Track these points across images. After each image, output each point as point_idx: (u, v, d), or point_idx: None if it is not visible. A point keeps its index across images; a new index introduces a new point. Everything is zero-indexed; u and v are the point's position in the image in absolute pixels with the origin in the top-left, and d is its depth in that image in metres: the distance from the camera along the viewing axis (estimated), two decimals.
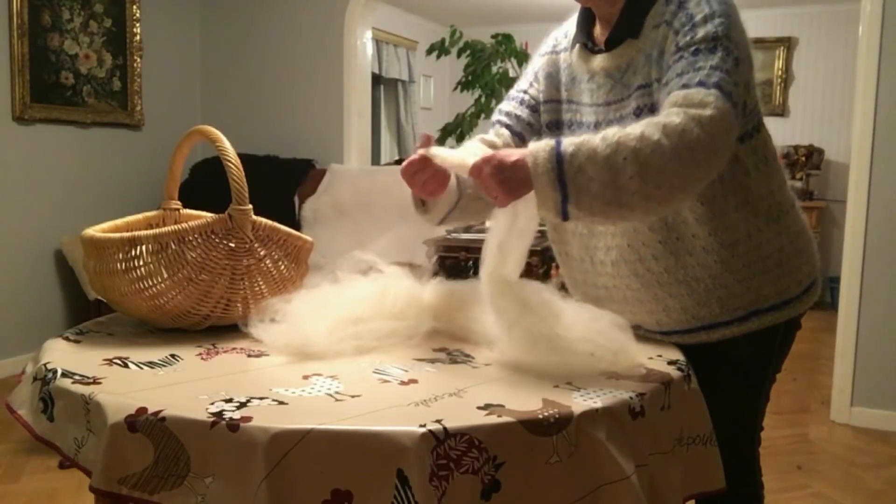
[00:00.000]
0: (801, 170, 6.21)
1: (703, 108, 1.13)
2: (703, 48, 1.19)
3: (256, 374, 1.15)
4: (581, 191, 1.12)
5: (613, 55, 1.33)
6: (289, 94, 4.84)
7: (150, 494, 0.95)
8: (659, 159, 1.10)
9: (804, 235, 1.39)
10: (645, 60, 1.29)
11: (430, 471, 0.89)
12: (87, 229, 1.38)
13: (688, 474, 1.18)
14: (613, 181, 1.11)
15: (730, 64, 1.18)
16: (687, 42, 1.21)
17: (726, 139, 1.16)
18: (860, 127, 3.30)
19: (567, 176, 1.11)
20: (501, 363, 1.21)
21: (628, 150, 1.10)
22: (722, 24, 1.21)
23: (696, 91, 1.15)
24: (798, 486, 2.75)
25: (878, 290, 3.31)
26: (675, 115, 1.13)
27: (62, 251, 4.11)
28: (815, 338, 5.02)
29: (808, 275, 1.39)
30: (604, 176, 1.11)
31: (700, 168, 1.14)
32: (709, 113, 1.12)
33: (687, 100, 1.15)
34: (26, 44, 3.88)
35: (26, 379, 1.22)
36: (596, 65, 1.36)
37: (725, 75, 1.17)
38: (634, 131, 1.13)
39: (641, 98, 1.29)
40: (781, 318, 1.37)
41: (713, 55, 1.18)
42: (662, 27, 1.26)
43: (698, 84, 1.16)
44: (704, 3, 1.23)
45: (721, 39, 1.19)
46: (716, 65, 1.17)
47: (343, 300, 1.36)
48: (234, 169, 1.30)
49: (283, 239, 1.39)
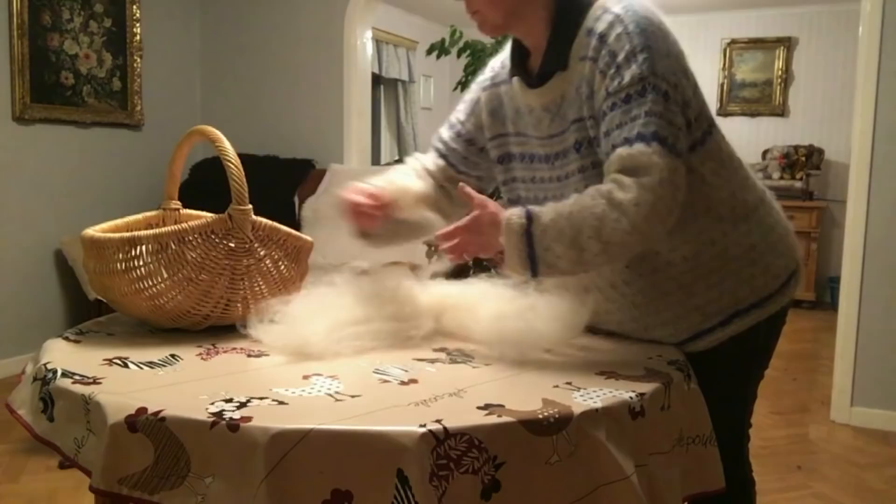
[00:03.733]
0: (801, 170, 6.20)
1: (649, 173, 1.17)
2: (633, 93, 1.21)
3: (256, 374, 1.15)
4: (550, 266, 1.22)
5: (548, 89, 1.35)
6: (289, 94, 4.84)
7: (151, 494, 0.95)
8: (621, 236, 1.18)
9: (778, 228, 1.39)
10: (575, 93, 1.30)
11: (430, 471, 0.89)
12: (87, 229, 1.38)
13: (687, 474, 1.18)
14: (580, 257, 1.20)
15: (660, 105, 1.20)
16: (616, 88, 1.22)
17: (678, 194, 1.20)
18: (860, 127, 3.30)
19: (537, 254, 1.21)
20: (499, 362, 1.22)
21: (591, 230, 1.18)
22: (645, 61, 1.21)
23: (637, 151, 1.18)
24: (798, 486, 2.75)
25: (878, 290, 3.31)
26: (627, 188, 1.18)
27: (62, 251, 4.11)
28: (815, 338, 5.02)
29: (784, 268, 1.38)
30: (570, 254, 1.20)
31: (661, 226, 1.21)
32: (657, 178, 1.17)
33: (633, 164, 1.18)
34: (26, 44, 3.88)
35: (26, 379, 1.22)
36: (534, 99, 1.38)
37: (660, 120, 1.19)
38: (595, 210, 1.19)
39: (578, 132, 1.31)
40: (765, 314, 1.37)
41: (644, 99, 1.20)
42: (588, 62, 1.27)
43: (638, 138, 1.19)
44: (624, 38, 1.23)
45: (648, 79, 1.20)
46: (649, 110, 1.20)
47: (342, 301, 1.36)
48: (234, 169, 1.30)
49: (283, 239, 1.39)
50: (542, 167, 1.40)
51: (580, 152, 1.30)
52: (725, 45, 6.75)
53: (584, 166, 1.31)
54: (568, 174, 1.34)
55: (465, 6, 1.36)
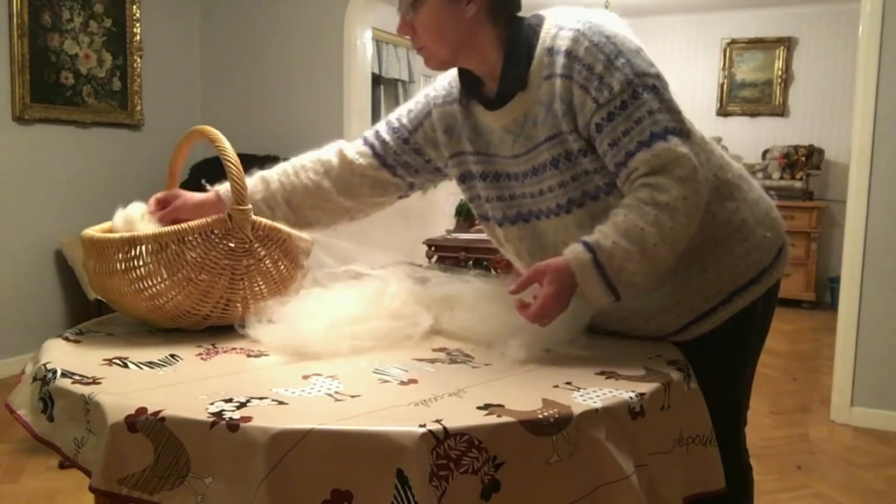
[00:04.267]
0: (801, 170, 6.20)
1: (680, 164, 1.21)
2: (627, 98, 1.23)
3: (256, 374, 1.15)
4: (629, 284, 1.23)
5: (507, 110, 1.35)
6: (289, 94, 4.84)
7: (150, 494, 0.95)
8: (682, 232, 1.23)
9: (763, 202, 1.42)
10: (546, 112, 1.31)
11: (430, 471, 0.89)
12: (87, 229, 1.38)
13: (687, 474, 1.18)
14: (653, 266, 1.23)
15: (656, 100, 1.23)
16: (607, 98, 1.24)
17: (706, 175, 1.26)
18: (860, 127, 3.30)
19: (613, 279, 1.21)
20: (499, 362, 1.22)
21: (655, 238, 1.20)
22: (626, 65, 1.23)
23: (659, 150, 1.21)
24: (798, 486, 2.75)
25: (878, 290, 3.31)
26: (665, 187, 1.21)
27: (62, 251, 4.11)
28: (815, 338, 5.01)
29: (774, 241, 1.40)
30: (644, 267, 1.22)
31: (703, 205, 1.25)
32: (689, 167, 1.21)
33: (660, 162, 1.21)
34: (26, 44, 3.88)
35: (26, 379, 1.22)
36: (494, 121, 1.38)
37: (662, 113, 1.23)
38: (648, 218, 1.21)
39: (554, 148, 1.31)
40: (761, 290, 1.38)
41: (639, 101, 1.23)
42: (559, 80, 1.28)
43: (653, 138, 1.22)
44: (595, 50, 1.25)
45: (634, 81, 1.23)
46: (650, 109, 1.23)
47: (340, 300, 1.36)
48: (234, 169, 1.30)
49: (282, 239, 1.39)
50: (514, 184, 1.41)
51: (559, 167, 1.32)
52: (725, 45, 6.75)
53: (563, 181, 1.32)
54: (544, 190, 1.35)
55: (412, 43, 1.36)
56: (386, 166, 1.54)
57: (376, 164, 1.54)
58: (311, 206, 1.52)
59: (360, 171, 1.54)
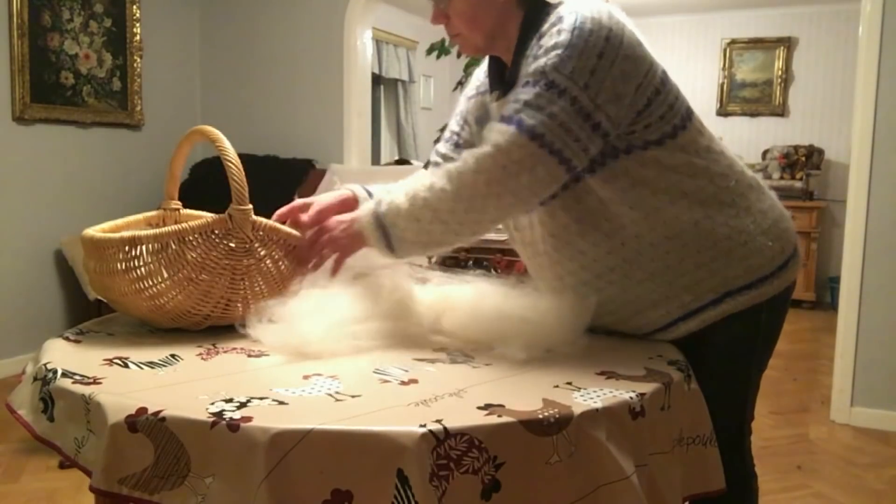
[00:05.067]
0: (801, 170, 6.21)
1: (486, 147, 1.23)
2: (527, 82, 1.24)
3: (256, 374, 1.15)
4: (401, 240, 1.31)
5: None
6: (289, 94, 4.84)
7: (151, 494, 0.95)
8: (446, 204, 1.25)
9: (772, 213, 1.40)
10: None
11: (431, 471, 0.89)
12: (87, 229, 1.38)
13: (688, 474, 1.18)
14: (420, 228, 1.28)
15: (544, 99, 1.21)
16: (527, 73, 1.25)
17: (501, 173, 1.22)
18: (860, 127, 3.30)
19: (388, 231, 1.31)
20: (500, 362, 1.22)
21: (421, 200, 1.27)
22: (556, 57, 1.22)
23: (495, 128, 1.24)
24: (798, 486, 2.75)
25: (878, 290, 3.31)
26: (459, 158, 1.25)
27: (62, 251, 4.12)
28: (815, 338, 5.01)
29: (780, 251, 1.39)
30: (412, 227, 1.28)
31: (489, 200, 1.24)
32: (488, 150, 1.22)
33: (486, 137, 1.24)
34: (26, 44, 3.88)
35: (26, 379, 1.22)
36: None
37: (533, 110, 1.21)
38: (428, 180, 1.27)
39: None
40: (759, 297, 1.36)
41: (530, 88, 1.23)
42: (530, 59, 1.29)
43: (502, 119, 1.24)
44: (554, 35, 1.24)
45: (547, 74, 1.22)
46: (527, 100, 1.22)
47: (340, 300, 1.36)
48: (234, 169, 1.30)
49: (283, 239, 1.39)
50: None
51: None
52: (725, 45, 6.76)
53: None
54: None
55: (446, 30, 1.37)
56: None
57: None
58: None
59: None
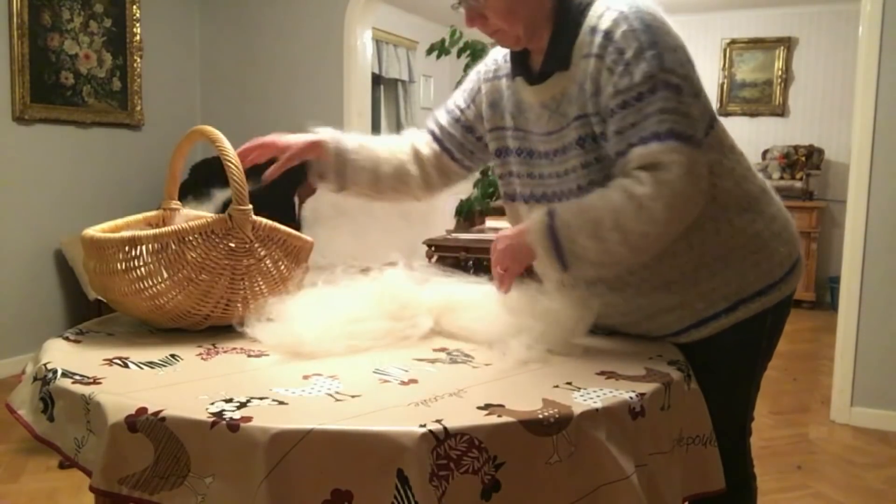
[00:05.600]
0: (801, 170, 6.20)
1: (667, 169, 1.20)
2: (645, 91, 1.22)
3: (256, 374, 1.15)
4: (579, 258, 1.26)
5: (547, 87, 1.36)
6: (289, 94, 4.84)
7: (151, 494, 0.95)
8: (641, 227, 1.22)
9: (780, 217, 1.41)
10: (578, 91, 1.31)
11: (431, 471, 0.89)
12: (87, 229, 1.38)
13: (687, 474, 1.18)
14: (604, 248, 1.23)
15: (673, 101, 1.21)
16: (626, 86, 1.23)
17: (701, 183, 1.23)
18: (860, 127, 3.30)
19: (564, 248, 1.25)
20: (501, 362, 1.22)
21: (611, 222, 1.22)
22: (654, 58, 1.22)
23: (654, 149, 1.21)
24: (798, 486, 2.75)
25: (878, 290, 3.31)
26: (644, 183, 1.21)
27: (62, 251, 4.11)
28: (815, 338, 5.01)
29: (788, 255, 1.40)
30: (594, 246, 1.23)
31: (684, 217, 1.24)
32: (675, 173, 1.20)
33: (651, 161, 1.21)
34: (26, 44, 3.88)
35: (26, 379, 1.22)
36: (534, 96, 1.39)
37: (673, 115, 1.21)
38: (615, 202, 1.22)
39: (581, 128, 1.31)
40: (769, 302, 1.38)
41: (655, 96, 1.21)
42: (593, 59, 1.27)
43: (653, 137, 1.21)
44: (631, 35, 1.23)
45: (658, 76, 1.21)
46: (662, 108, 1.21)
47: (339, 300, 1.36)
48: (234, 169, 1.30)
49: (283, 239, 1.39)
50: (542, 163, 1.40)
51: (584, 147, 1.31)
52: (725, 45, 6.75)
53: (587, 161, 1.32)
54: (568, 170, 1.35)
55: (483, 30, 1.36)
56: (444, 150, 1.59)
57: (438, 150, 1.59)
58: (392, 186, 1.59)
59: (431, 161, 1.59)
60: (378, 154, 1.56)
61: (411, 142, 1.60)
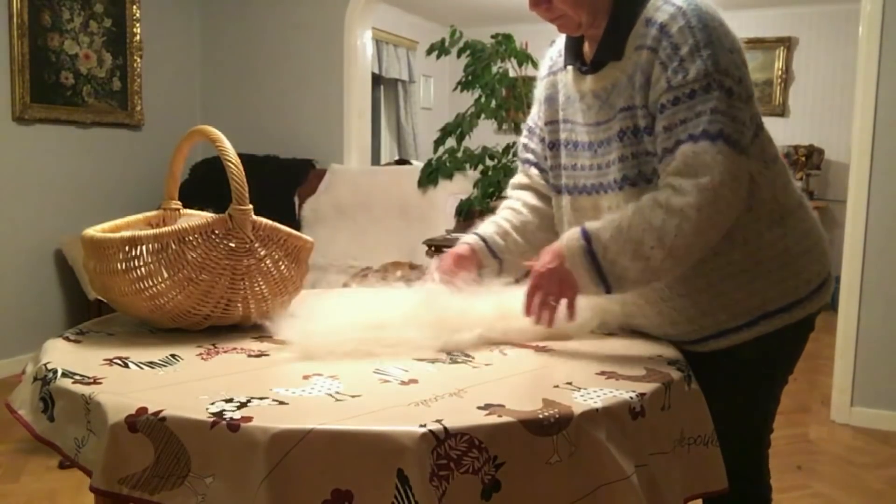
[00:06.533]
0: (801, 170, 6.20)
1: (710, 172, 1.18)
2: (698, 88, 1.21)
3: (256, 374, 1.15)
4: (620, 278, 1.24)
5: (599, 76, 1.35)
6: (289, 94, 4.84)
7: (151, 494, 0.95)
8: (685, 240, 1.20)
9: (813, 234, 1.38)
10: (627, 82, 1.30)
11: (431, 471, 0.89)
12: (87, 229, 1.38)
13: (688, 474, 1.18)
14: (647, 267, 1.22)
15: (725, 102, 1.20)
16: (679, 82, 1.22)
17: (741, 190, 1.21)
18: (860, 127, 3.30)
19: (605, 270, 1.24)
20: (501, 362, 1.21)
21: (653, 240, 1.20)
22: (711, 57, 1.21)
23: (702, 149, 1.19)
24: (798, 486, 2.75)
25: (878, 290, 3.31)
26: (685, 192, 1.19)
27: (62, 251, 4.11)
28: (815, 338, 4.97)
29: (817, 274, 1.37)
30: (637, 266, 1.22)
31: (724, 224, 1.23)
32: (718, 178, 1.18)
33: (696, 161, 1.19)
34: (26, 44, 3.88)
35: (26, 379, 1.22)
36: (585, 86, 1.38)
37: (725, 117, 1.19)
38: (655, 220, 1.20)
39: (624, 120, 1.30)
40: (791, 319, 1.35)
41: (709, 95, 1.20)
42: (645, 52, 1.27)
43: (704, 136, 1.19)
44: (687, 31, 1.22)
45: (713, 75, 1.20)
46: (715, 107, 1.20)
47: (371, 304, 1.36)
48: (235, 169, 1.30)
49: (283, 239, 1.39)
50: (585, 154, 1.40)
51: (623, 141, 1.31)
52: None
53: (623, 155, 1.31)
54: (608, 163, 1.34)
55: (545, 15, 1.34)
56: (541, 171, 1.56)
57: (538, 176, 1.58)
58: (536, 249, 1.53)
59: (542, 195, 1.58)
60: (518, 239, 1.55)
61: (522, 199, 1.59)
